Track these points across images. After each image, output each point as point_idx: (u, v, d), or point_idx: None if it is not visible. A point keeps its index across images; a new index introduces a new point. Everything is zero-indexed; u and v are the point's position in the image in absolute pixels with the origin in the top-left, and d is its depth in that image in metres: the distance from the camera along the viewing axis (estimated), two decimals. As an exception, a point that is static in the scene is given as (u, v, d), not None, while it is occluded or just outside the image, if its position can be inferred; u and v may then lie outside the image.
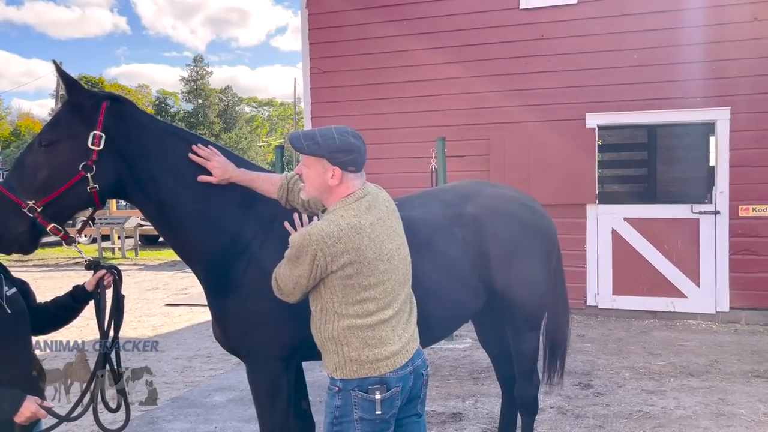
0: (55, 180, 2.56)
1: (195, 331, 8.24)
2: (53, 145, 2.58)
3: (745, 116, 7.62)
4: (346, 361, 2.28)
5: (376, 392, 2.25)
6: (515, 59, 8.39)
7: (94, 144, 2.60)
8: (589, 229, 8.12)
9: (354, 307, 2.26)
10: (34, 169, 2.57)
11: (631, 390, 5.37)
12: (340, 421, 2.29)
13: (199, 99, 53.71)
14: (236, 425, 4.84)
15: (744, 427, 4.52)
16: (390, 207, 2.43)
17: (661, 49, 7.90)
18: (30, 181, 2.55)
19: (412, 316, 2.44)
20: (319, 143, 2.28)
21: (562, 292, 3.87)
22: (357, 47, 8.96)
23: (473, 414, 4.92)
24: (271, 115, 71.91)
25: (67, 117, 2.65)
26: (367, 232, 2.24)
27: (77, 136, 2.61)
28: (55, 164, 2.57)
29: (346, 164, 2.29)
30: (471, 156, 8.40)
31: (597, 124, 8.14)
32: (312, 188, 2.36)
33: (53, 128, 2.63)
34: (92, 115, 2.64)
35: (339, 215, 2.26)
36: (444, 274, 3.11)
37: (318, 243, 2.19)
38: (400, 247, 2.38)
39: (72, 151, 2.59)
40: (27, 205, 2.52)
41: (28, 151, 2.63)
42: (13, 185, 2.56)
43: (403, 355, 2.32)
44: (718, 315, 7.69)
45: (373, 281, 2.25)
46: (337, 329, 2.28)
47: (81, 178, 2.58)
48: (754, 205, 7.60)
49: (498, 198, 3.46)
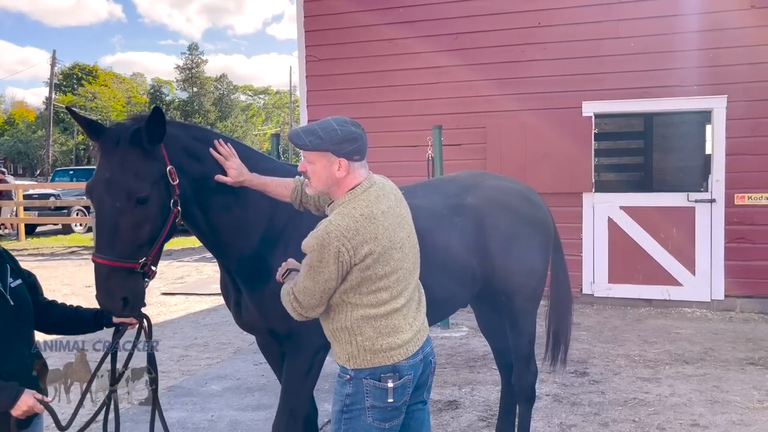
0: (157, 229, 2.50)
1: (191, 320, 8.23)
2: (147, 199, 2.45)
3: (741, 104, 7.61)
4: (360, 351, 2.27)
5: (389, 380, 2.25)
6: (511, 47, 8.35)
7: (173, 180, 2.53)
8: (585, 218, 8.13)
9: (368, 296, 2.24)
10: (134, 229, 2.43)
11: (626, 378, 5.39)
12: (351, 409, 2.29)
13: (194, 87, 53.43)
14: (233, 414, 4.85)
15: (738, 414, 4.55)
16: (398, 195, 2.42)
17: (657, 37, 7.87)
18: (133, 242, 2.43)
19: (422, 304, 2.44)
20: (321, 137, 2.26)
21: (564, 281, 3.94)
22: (353, 35, 8.91)
23: (469, 402, 4.94)
24: (267, 104, 71.67)
25: (142, 165, 2.47)
26: (380, 221, 2.23)
27: (160, 179, 2.51)
28: (154, 215, 2.47)
29: (351, 154, 2.27)
30: (467, 145, 8.38)
31: (593, 112, 8.13)
32: (319, 183, 2.33)
33: (138, 181, 2.44)
34: (158, 152, 2.53)
35: (351, 207, 2.24)
36: (442, 259, 3.18)
37: (339, 239, 2.16)
38: (410, 235, 2.38)
39: (162, 196, 2.51)
40: (140, 264, 2.44)
41: (117, 215, 2.40)
42: (110, 251, 2.40)
43: (415, 343, 2.32)
44: (713, 303, 7.72)
45: (388, 270, 2.24)
46: (351, 319, 2.26)
47: (175, 215, 2.56)
48: (750, 194, 7.61)
49: (498, 190, 3.55)
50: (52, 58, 46.57)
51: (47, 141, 46.25)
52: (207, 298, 9.34)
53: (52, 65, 46.77)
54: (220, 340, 7.05)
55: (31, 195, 18.71)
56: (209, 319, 8.11)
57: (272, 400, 5.05)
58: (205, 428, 4.59)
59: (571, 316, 4.02)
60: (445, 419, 4.61)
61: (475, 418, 4.62)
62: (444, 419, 4.61)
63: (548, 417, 4.59)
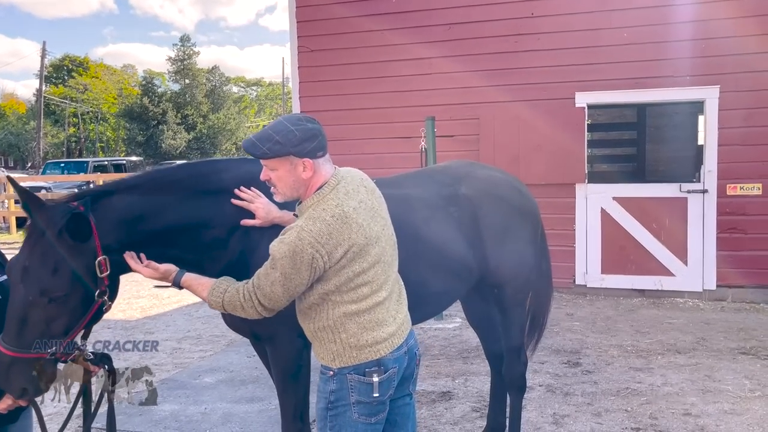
0: (73, 322, 2.35)
1: (184, 312, 8.21)
2: (65, 297, 2.30)
3: (734, 95, 7.62)
4: (345, 348, 2.22)
5: (374, 375, 2.21)
6: (505, 38, 8.32)
7: (102, 272, 2.36)
8: (578, 209, 8.13)
9: (349, 293, 2.19)
10: (44, 323, 2.28)
11: (619, 368, 5.41)
12: (336, 405, 2.24)
13: (186, 79, 53.10)
14: (226, 406, 4.84)
15: (730, 403, 4.58)
16: (369, 186, 2.35)
17: (650, 27, 7.86)
18: (43, 333, 2.28)
19: (402, 297, 2.41)
20: (279, 142, 2.16)
21: (547, 271, 3.95)
22: (345, 26, 8.84)
23: (463, 393, 4.95)
24: (260, 95, 71.35)
25: (64, 259, 2.29)
26: (353, 218, 2.17)
27: (85, 275, 2.33)
28: (70, 310, 2.32)
29: (314, 152, 2.20)
30: (461, 136, 8.36)
31: (587, 103, 8.12)
32: (287, 189, 2.24)
33: (55, 280, 2.27)
34: (87, 237, 2.33)
35: (321, 209, 2.16)
36: (441, 250, 3.18)
37: (312, 245, 2.09)
38: (384, 227, 2.32)
39: (84, 290, 2.34)
40: (49, 353, 2.30)
41: (27, 307, 2.26)
42: (16, 341, 2.25)
43: (399, 335, 2.29)
44: (705, 293, 7.76)
45: (366, 266, 2.19)
46: (332, 317, 2.21)
47: (99, 306, 2.41)
48: (742, 184, 7.63)
49: (490, 180, 3.55)
50: (42, 49, 46.18)
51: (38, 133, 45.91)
52: (200, 290, 9.30)
53: (42, 57, 46.37)
54: (213, 333, 7.03)
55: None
56: (202, 312, 8.09)
57: (266, 392, 5.04)
58: (199, 421, 4.58)
59: (550, 305, 4.04)
60: (439, 410, 4.61)
61: (469, 408, 4.63)
62: (437, 410, 4.61)
63: (541, 407, 4.61)
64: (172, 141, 48.61)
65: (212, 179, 2.73)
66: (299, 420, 2.85)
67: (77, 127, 54.23)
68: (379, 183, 2.61)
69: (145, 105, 49.83)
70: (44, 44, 46.69)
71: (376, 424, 2.28)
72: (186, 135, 50.28)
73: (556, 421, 4.36)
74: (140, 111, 50.21)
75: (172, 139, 48.72)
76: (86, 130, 54.62)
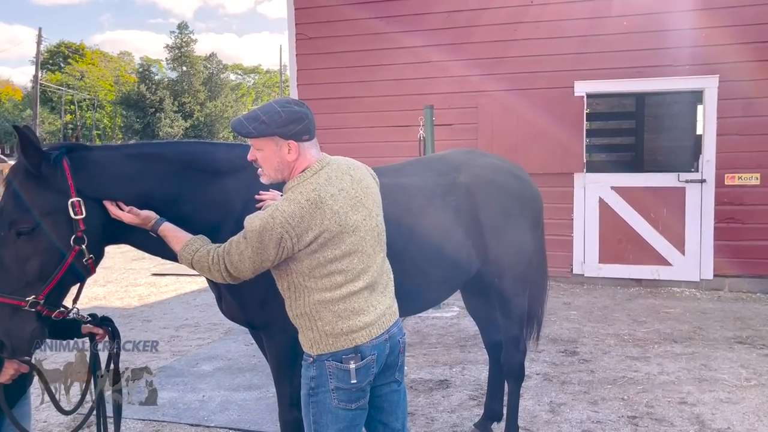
0: (48, 266, 2.33)
1: (182, 300, 8.21)
2: (32, 231, 2.30)
3: (733, 84, 7.60)
4: (321, 336, 2.24)
5: (351, 361, 2.23)
6: (504, 26, 8.28)
7: (76, 213, 2.36)
8: (576, 198, 8.13)
9: (322, 280, 2.21)
10: (18, 262, 2.30)
11: (615, 356, 5.43)
12: (316, 392, 2.27)
13: (183, 67, 52.85)
14: (224, 394, 4.85)
15: (726, 392, 4.60)
16: (355, 176, 2.33)
17: (650, 15, 7.83)
18: (19, 276, 2.30)
19: (388, 288, 2.40)
20: (265, 122, 2.21)
21: (542, 259, 3.92)
22: (343, 13, 8.79)
23: (460, 381, 4.96)
24: (257, 83, 71.06)
25: (34, 194, 2.33)
26: (328, 204, 2.17)
27: (54, 211, 2.34)
28: (43, 250, 2.32)
29: (299, 134, 2.23)
30: (459, 124, 8.34)
31: (586, 92, 8.09)
32: (272, 170, 2.28)
33: (23, 212, 2.31)
34: (61, 182, 2.36)
35: (298, 192, 2.19)
36: (439, 240, 3.16)
37: (283, 225, 2.13)
38: (366, 218, 2.30)
39: (56, 230, 2.34)
40: (27, 302, 2.28)
41: (2, 245, 2.31)
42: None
43: (379, 326, 2.29)
44: (702, 282, 7.78)
45: (339, 254, 2.20)
46: (309, 304, 2.24)
47: (77, 254, 2.38)
48: (740, 174, 7.63)
49: (489, 168, 3.51)
50: (37, 35, 45.84)
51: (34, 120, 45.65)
52: (198, 279, 9.30)
53: (38, 43, 46.06)
54: (211, 321, 7.04)
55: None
56: (200, 300, 8.09)
57: (263, 380, 5.05)
58: (197, 408, 4.59)
59: (546, 296, 4.02)
60: (436, 398, 4.63)
61: (466, 396, 4.65)
62: (435, 398, 4.63)
63: (538, 395, 4.62)
64: (169, 129, 48.49)
65: (199, 158, 2.72)
66: (295, 408, 2.85)
67: (74, 115, 53.98)
68: (377, 172, 2.60)
69: (142, 92, 49.63)
70: (40, 30, 46.28)
71: (357, 410, 2.30)
72: (183, 123, 50.14)
73: (552, 410, 4.38)
74: (137, 98, 50.02)
75: (169, 127, 48.60)
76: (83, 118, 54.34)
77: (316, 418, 2.28)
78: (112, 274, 10.18)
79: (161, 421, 4.37)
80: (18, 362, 2.31)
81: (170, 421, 4.38)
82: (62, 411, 2.57)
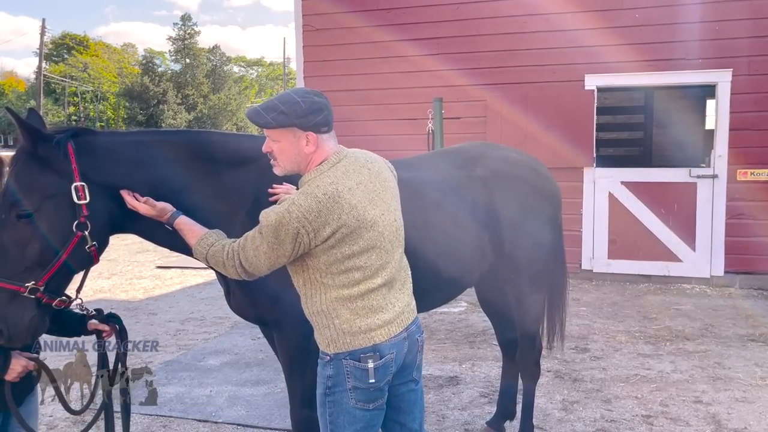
0: (49, 251, 2.27)
1: (187, 293, 8.16)
2: (34, 215, 2.25)
3: (746, 78, 7.49)
4: (339, 334, 2.16)
5: (369, 360, 2.15)
6: (514, 18, 8.17)
7: (80, 198, 2.30)
8: (585, 193, 8.04)
9: (340, 276, 2.12)
10: (18, 246, 2.24)
11: (627, 354, 5.36)
12: (333, 391, 2.20)
13: (187, 59, 52.75)
14: (231, 389, 4.79)
15: (741, 391, 4.53)
16: (374, 170, 2.25)
17: (662, 8, 7.71)
18: (19, 261, 2.23)
19: (406, 285, 2.32)
20: (284, 112, 2.11)
21: (561, 256, 3.83)
22: (351, 3, 8.68)
23: (470, 377, 4.90)
24: (261, 76, 70.90)
25: (36, 176, 2.29)
26: (346, 198, 2.09)
27: (57, 194, 2.29)
28: (44, 234, 2.26)
29: (318, 126, 2.14)
30: (467, 118, 8.24)
31: (596, 86, 7.99)
32: (288, 162, 2.19)
33: (25, 194, 2.26)
34: (64, 165, 2.31)
35: (315, 185, 2.10)
36: (454, 234, 3.08)
37: (299, 220, 2.04)
38: (385, 212, 2.21)
39: (58, 214, 2.28)
40: (26, 288, 2.22)
41: (2, 229, 2.25)
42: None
43: (398, 324, 2.22)
44: (712, 279, 7.69)
45: (357, 249, 2.11)
46: (326, 302, 2.16)
47: (79, 240, 2.31)
48: (753, 169, 7.53)
49: (506, 161, 3.42)
50: (41, 27, 45.74)
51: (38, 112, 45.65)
52: (203, 271, 9.25)
53: (41, 34, 45.95)
54: (217, 314, 6.98)
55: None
56: (205, 293, 8.03)
57: (271, 375, 5.00)
58: (204, 403, 4.53)
59: (567, 294, 3.91)
60: (447, 395, 4.56)
61: (477, 394, 4.58)
62: (445, 395, 4.56)
63: (550, 393, 4.56)
64: (172, 121, 48.44)
65: (210, 147, 2.66)
66: (307, 407, 2.78)
67: (77, 106, 53.96)
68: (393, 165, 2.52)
69: (146, 84, 49.55)
70: (43, 21, 46.16)
71: (374, 410, 2.22)
72: (186, 115, 50.08)
73: (565, 408, 4.31)
74: (141, 90, 49.95)
75: (173, 119, 48.55)
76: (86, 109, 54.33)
77: (332, 418, 2.21)
78: (117, 267, 10.13)
79: (168, 417, 4.31)
80: (26, 359, 2.25)
81: (178, 416, 4.32)
82: (71, 411, 2.51)
